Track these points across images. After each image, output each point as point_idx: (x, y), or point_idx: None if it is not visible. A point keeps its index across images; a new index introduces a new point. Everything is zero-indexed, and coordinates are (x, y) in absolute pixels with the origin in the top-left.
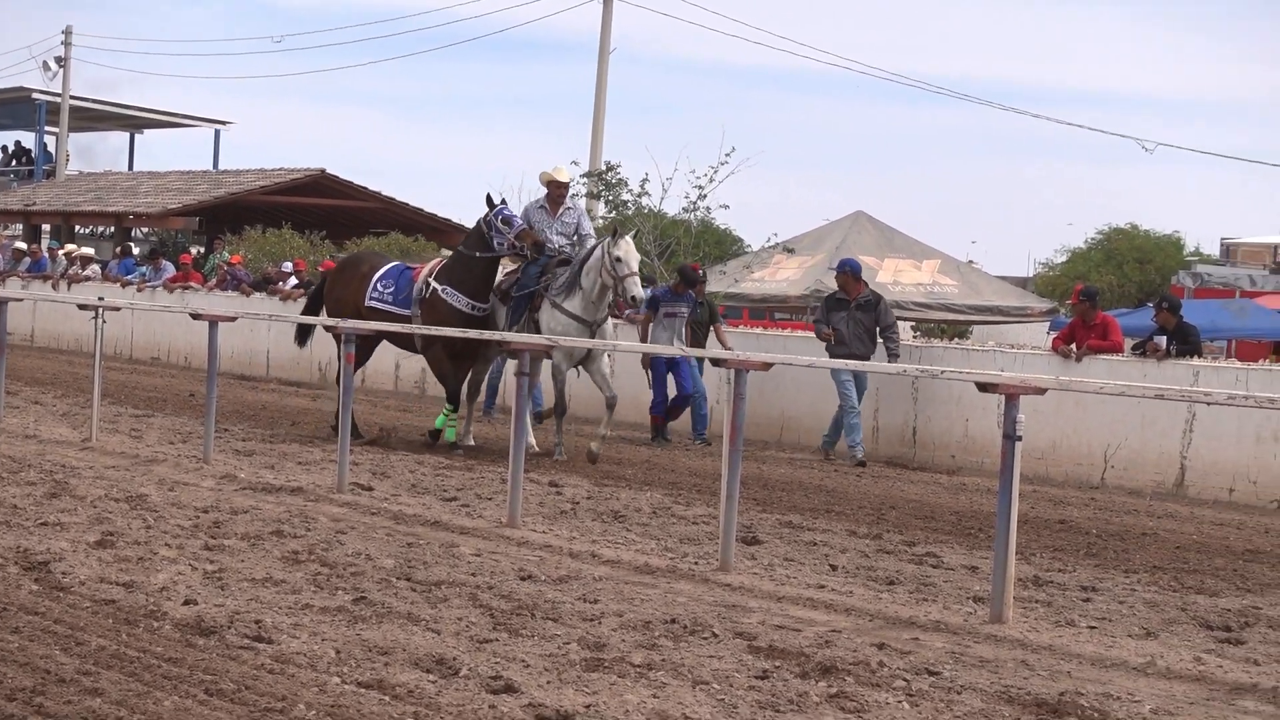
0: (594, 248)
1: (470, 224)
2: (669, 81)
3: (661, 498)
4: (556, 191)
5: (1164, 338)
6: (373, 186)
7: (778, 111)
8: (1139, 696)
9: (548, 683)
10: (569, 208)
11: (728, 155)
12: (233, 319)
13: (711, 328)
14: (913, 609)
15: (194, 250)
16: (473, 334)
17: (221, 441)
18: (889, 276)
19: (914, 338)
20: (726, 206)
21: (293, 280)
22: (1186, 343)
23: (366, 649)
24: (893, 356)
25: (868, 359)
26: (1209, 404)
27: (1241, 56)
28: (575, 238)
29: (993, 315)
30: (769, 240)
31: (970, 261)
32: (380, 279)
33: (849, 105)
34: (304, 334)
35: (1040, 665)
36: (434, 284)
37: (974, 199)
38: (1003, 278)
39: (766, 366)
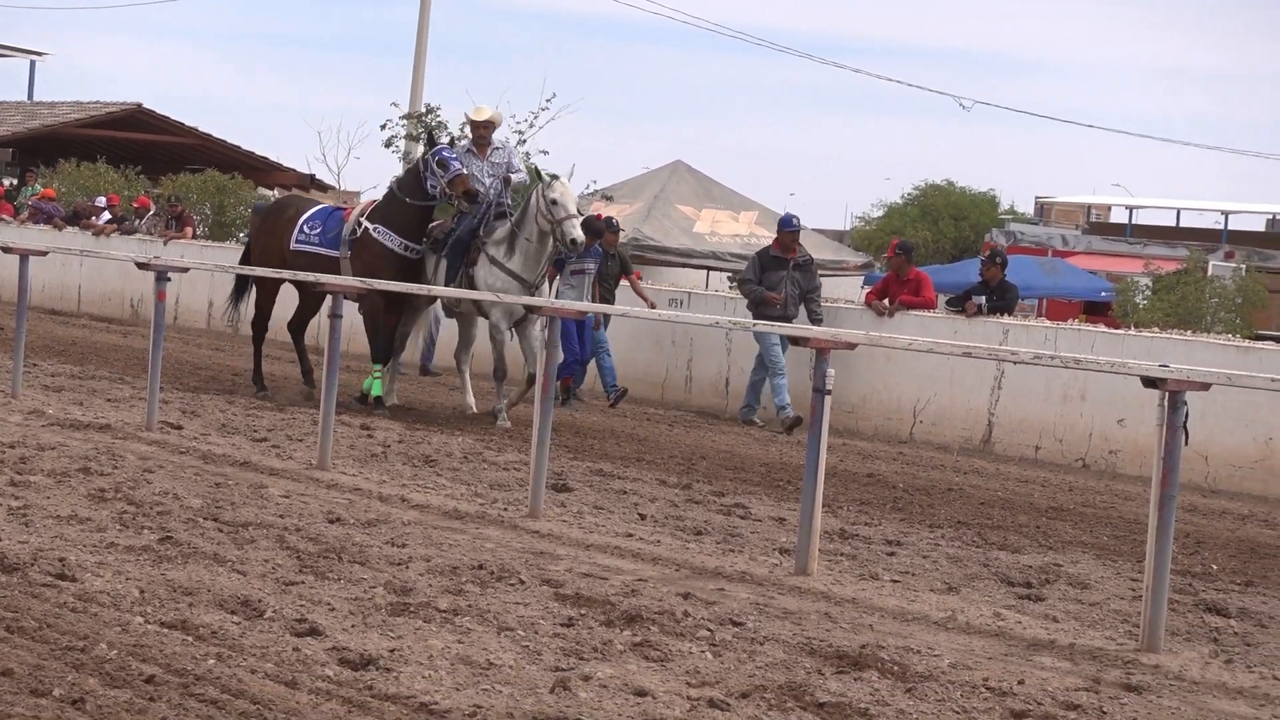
0: (529, 196)
1: (289, 163)
2: (492, 26)
3: (473, 443)
4: (479, 132)
5: (983, 297)
6: (190, 123)
7: (600, 60)
8: (939, 650)
9: (352, 626)
10: (498, 147)
11: (548, 101)
12: (43, 253)
13: (627, 280)
14: (719, 559)
15: (5, 183)
16: (389, 286)
17: (30, 377)
18: (706, 227)
19: (730, 288)
20: (546, 152)
21: (106, 215)
22: (1004, 300)
23: (171, 589)
24: (817, 320)
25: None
26: (1015, 363)
27: (1056, 13)
28: (506, 179)
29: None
30: (588, 187)
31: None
32: (307, 220)
33: (671, 55)
34: (240, 290)
35: (843, 618)
36: (365, 223)
37: (793, 152)
38: (820, 231)
39: (581, 315)
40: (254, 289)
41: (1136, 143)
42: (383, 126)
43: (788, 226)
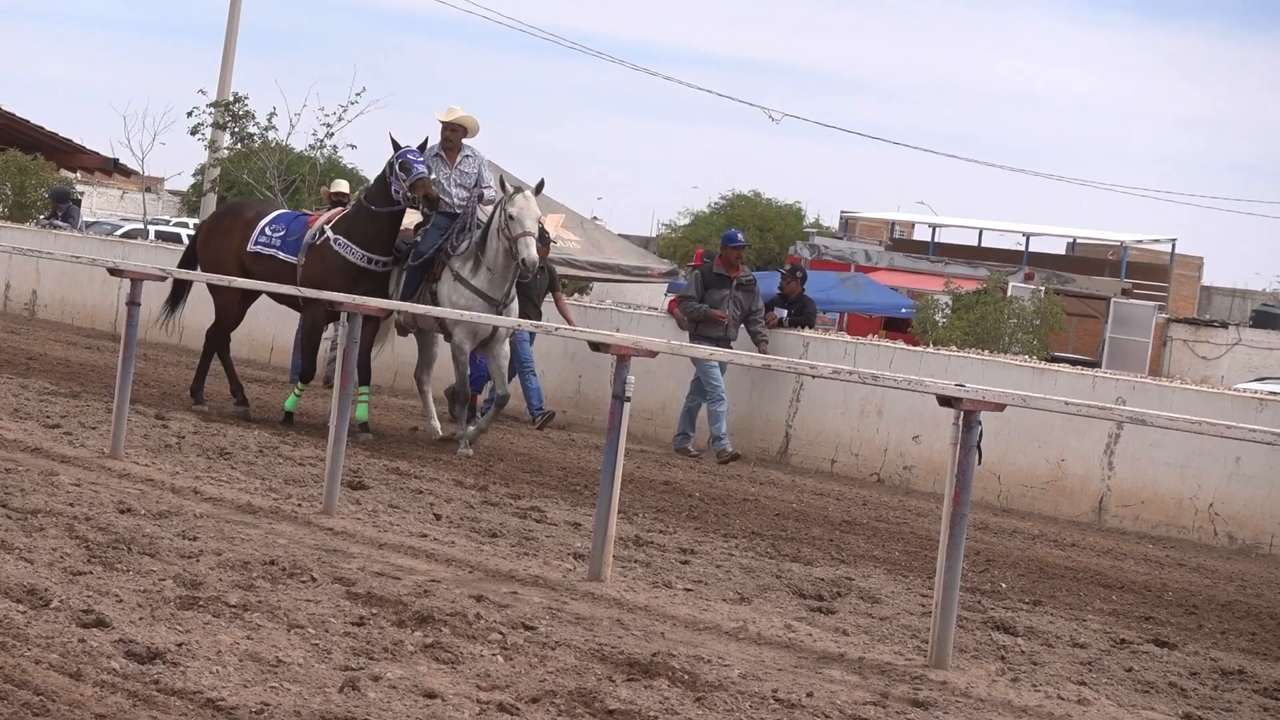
0: (494, 209)
1: (93, 146)
2: (304, 17)
3: (269, 437)
4: (447, 135)
5: (784, 310)
6: None
7: (412, 55)
8: (729, 660)
9: (140, 619)
10: (468, 155)
11: (358, 95)
12: None
13: (551, 296)
14: (513, 563)
15: None
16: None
17: None
18: None
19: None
20: (354, 146)
21: None
22: (803, 314)
23: None
24: (761, 342)
25: (729, 346)
26: (814, 376)
27: (867, 30)
28: (475, 191)
29: (613, 274)
30: None
31: (595, 218)
32: (270, 223)
33: (484, 54)
34: (176, 299)
35: (635, 625)
36: (328, 231)
37: (602, 156)
38: (626, 236)
39: (384, 314)
40: (208, 295)
41: (941, 161)
42: (189, 114)
43: (733, 243)
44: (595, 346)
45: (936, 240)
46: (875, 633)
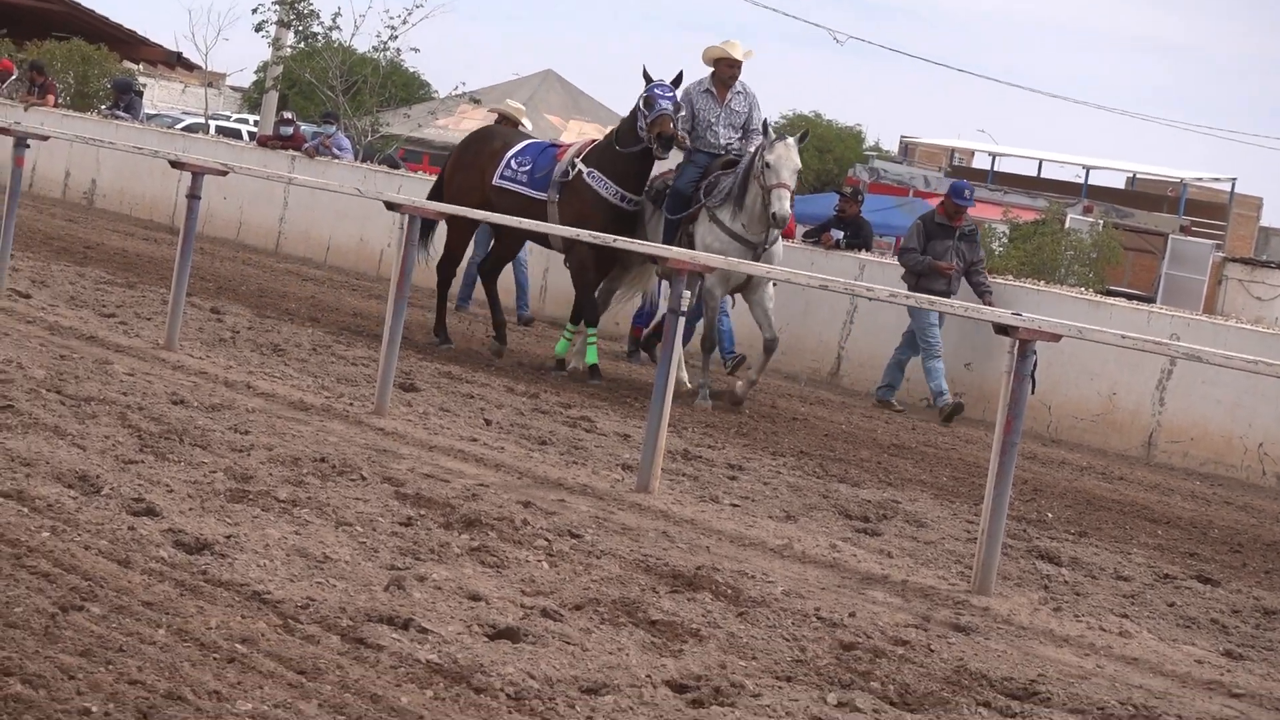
0: (754, 152)
1: (157, 39)
2: None
3: (323, 336)
4: (726, 71)
5: (840, 231)
6: None
7: None
8: (773, 577)
9: (190, 510)
10: (739, 92)
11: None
12: None
13: None
14: (562, 471)
15: None
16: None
17: None
18: (573, 138)
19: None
20: (417, 50)
21: None
22: (859, 236)
23: (9, 458)
24: (985, 294)
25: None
26: (870, 299)
27: None
28: (743, 132)
29: None
30: (456, 89)
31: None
32: (515, 155)
33: None
34: (429, 227)
35: (681, 538)
36: (580, 165)
37: (664, 69)
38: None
39: (440, 216)
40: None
41: (1003, 91)
42: (254, 10)
43: (958, 197)
44: (656, 260)
45: (995, 169)
46: (919, 556)
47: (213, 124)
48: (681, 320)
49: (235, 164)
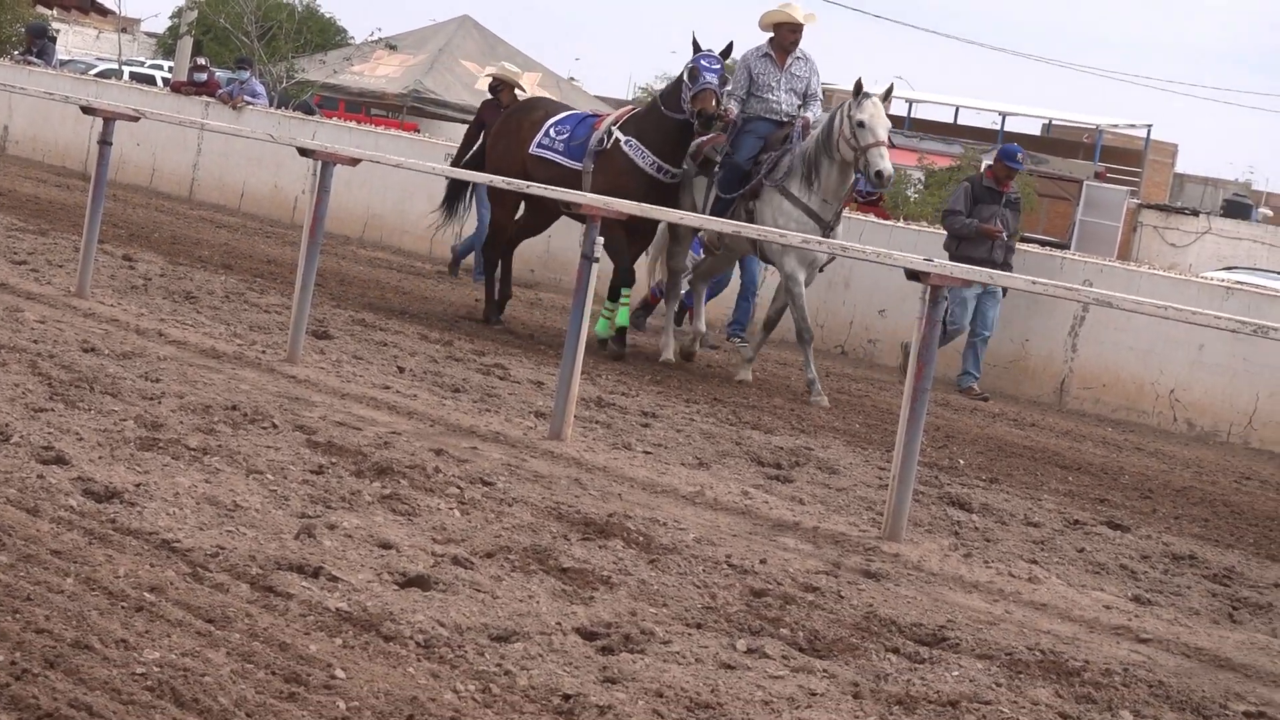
0: (832, 114)
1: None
2: None
3: (237, 283)
4: (789, 37)
5: None
6: None
7: None
8: (685, 524)
9: (100, 458)
10: (799, 57)
11: None
12: None
13: None
14: (475, 418)
15: None
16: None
17: None
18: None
19: None
20: None
21: None
22: None
23: None
24: (1007, 267)
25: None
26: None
27: None
28: (803, 100)
29: None
30: (372, 34)
31: (571, 79)
32: (555, 124)
33: None
34: (453, 199)
35: (593, 485)
36: (617, 133)
37: (581, 16)
38: (602, 98)
39: (354, 162)
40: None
41: (919, 36)
42: None
43: (1010, 160)
44: (565, 208)
45: (912, 115)
46: (831, 503)
47: (127, 70)
48: (594, 267)
49: (148, 110)
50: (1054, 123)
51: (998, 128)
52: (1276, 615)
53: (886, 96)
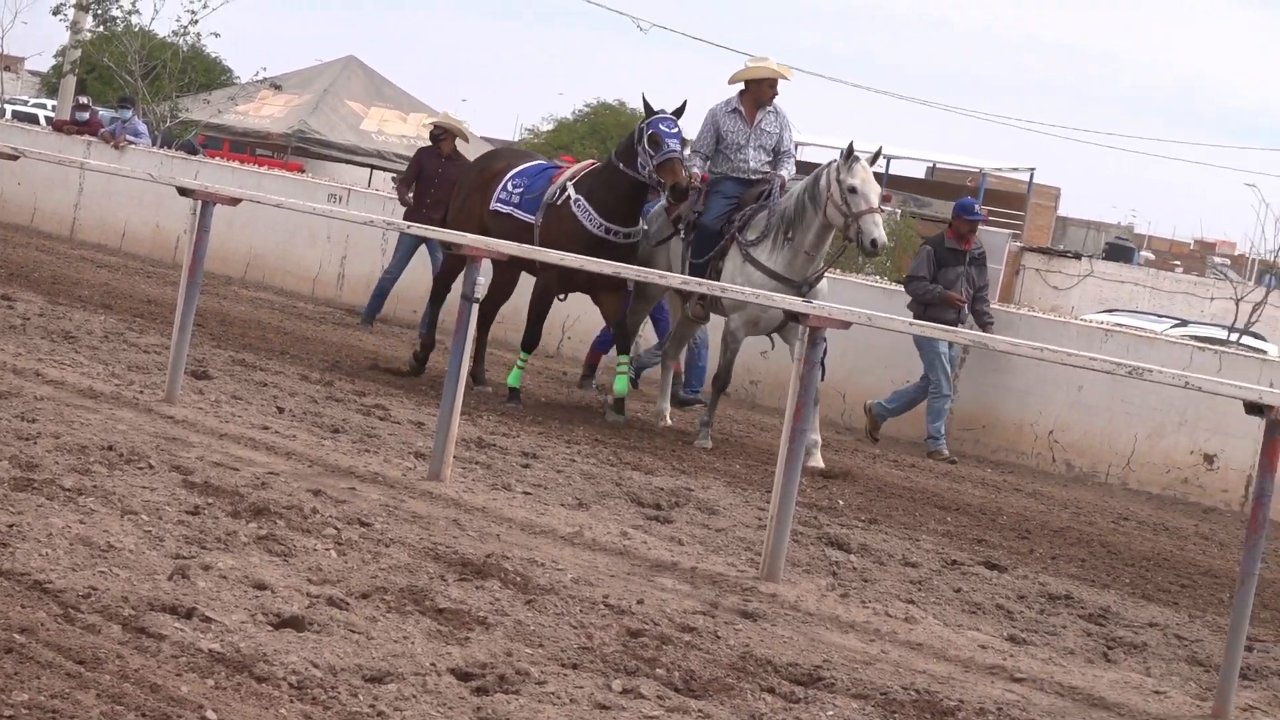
0: (817, 176)
1: None
2: None
3: (116, 323)
4: (768, 93)
5: None
6: None
7: None
8: (563, 565)
9: None
10: (770, 111)
11: None
12: None
13: None
14: (354, 459)
15: None
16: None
17: None
18: (374, 125)
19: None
20: (217, 35)
21: None
22: None
23: None
24: (988, 325)
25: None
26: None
27: None
28: (774, 157)
29: None
30: (257, 74)
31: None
32: (514, 177)
33: None
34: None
35: (471, 525)
36: (570, 190)
37: (468, 57)
38: (487, 139)
39: (234, 201)
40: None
41: (804, 79)
42: None
43: (969, 213)
44: (448, 246)
45: (798, 158)
46: (710, 544)
47: (9, 109)
48: (474, 308)
49: (27, 148)
50: (938, 166)
51: (882, 171)
52: (1151, 655)
53: (875, 159)
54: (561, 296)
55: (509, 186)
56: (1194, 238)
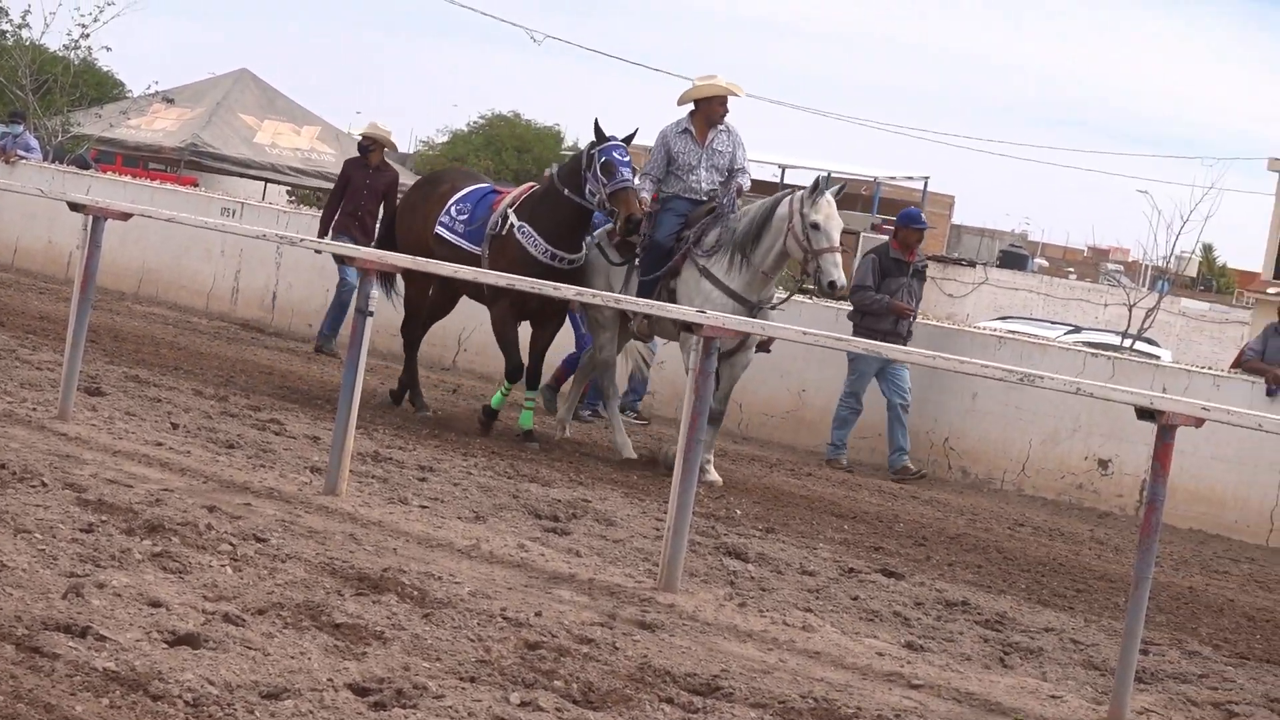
0: (779, 200)
1: None
2: None
3: (8, 340)
4: (719, 111)
5: None
6: None
7: None
8: (460, 578)
9: None
10: (722, 130)
11: None
12: None
13: None
14: (249, 474)
15: None
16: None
17: None
18: (267, 138)
19: (288, 203)
20: (109, 48)
21: None
22: None
23: None
24: (908, 339)
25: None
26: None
27: None
28: (727, 175)
29: None
30: (149, 88)
31: (350, 131)
32: (457, 201)
33: None
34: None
35: (368, 540)
36: (512, 217)
37: (362, 70)
38: None
39: (125, 216)
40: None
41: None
42: None
43: (914, 223)
44: (341, 259)
45: None
46: (608, 555)
47: None
48: (369, 321)
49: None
50: (832, 175)
51: (778, 180)
52: (1047, 659)
53: (839, 193)
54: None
55: (452, 211)
56: (1087, 244)
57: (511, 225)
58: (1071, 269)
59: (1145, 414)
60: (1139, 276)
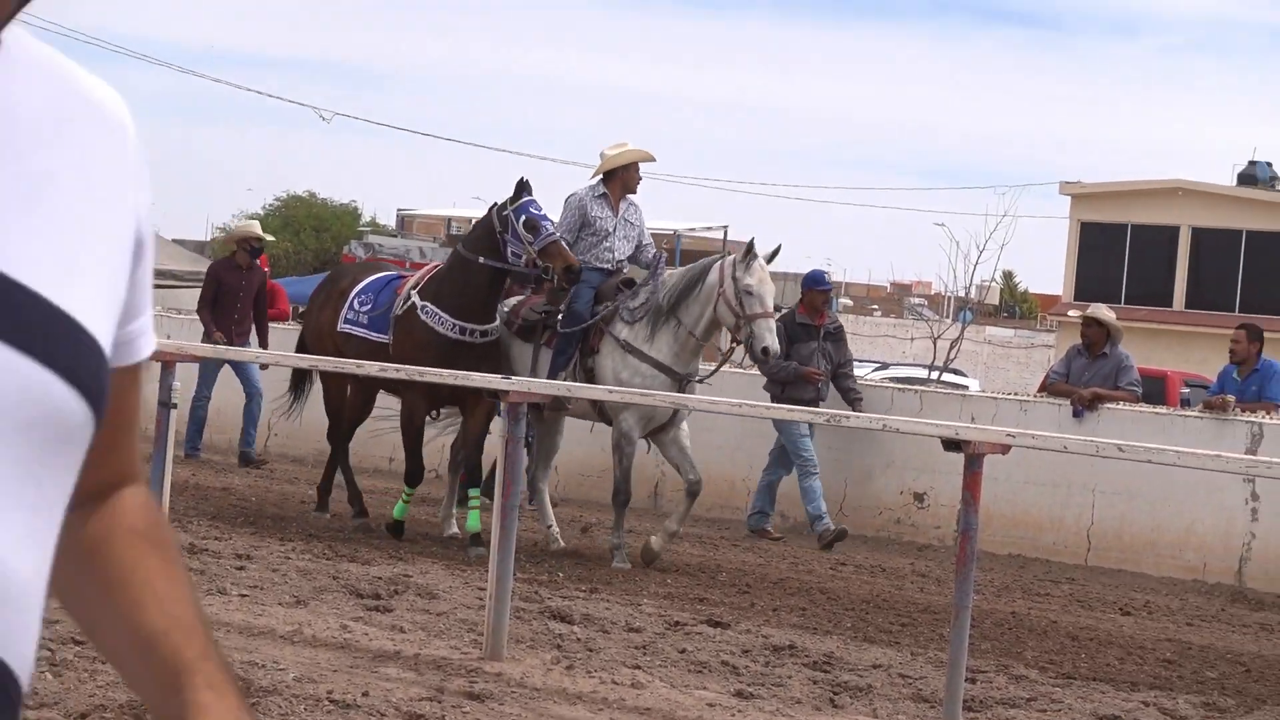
0: (708, 267)
1: None
2: None
3: None
4: (633, 178)
5: None
6: None
7: None
8: (284, 664)
9: None
10: (631, 203)
11: None
12: None
13: None
14: None
15: None
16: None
17: None
18: None
19: None
20: None
21: None
22: None
23: None
24: (855, 401)
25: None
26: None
27: (418, 28)
28: (638, 247)
29: (167, 280)
30: None
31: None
32: (359, 293)
33: None
34: (299, 385)
35: None
36: (414, 297)
37: (154, 160)
38: (180, 241)
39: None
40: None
41: (495, 156)
42: None
43: (819, 285)
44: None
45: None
46: (432, 628)
47: None
48: (173, 414)
49: None
50: (681, 233)
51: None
52: (877, 695)
53: (772, 258)
54: (433, 414)
55: (355, 304)
56: (890, 280)
57: (413, 305)
58: (875, 306)
59: (952, 445)
60: (943, 308)
